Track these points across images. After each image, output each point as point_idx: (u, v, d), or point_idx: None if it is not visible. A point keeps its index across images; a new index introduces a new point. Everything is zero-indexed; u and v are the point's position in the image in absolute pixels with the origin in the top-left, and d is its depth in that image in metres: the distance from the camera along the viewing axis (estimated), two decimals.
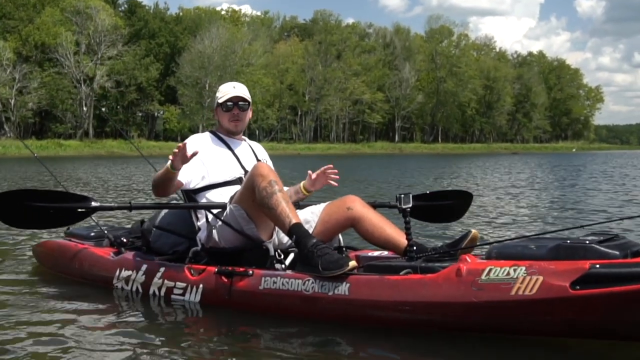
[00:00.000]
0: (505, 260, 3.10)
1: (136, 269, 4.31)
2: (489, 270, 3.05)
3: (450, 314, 3.16)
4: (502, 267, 3.04)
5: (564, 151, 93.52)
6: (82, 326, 3.64)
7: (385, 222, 3.96)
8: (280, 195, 3.72)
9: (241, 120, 4.38)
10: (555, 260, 2.96)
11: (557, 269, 2.91)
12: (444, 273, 3.20)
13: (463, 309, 3.10)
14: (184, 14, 79.99)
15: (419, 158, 52.24)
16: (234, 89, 4.38)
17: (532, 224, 8.16)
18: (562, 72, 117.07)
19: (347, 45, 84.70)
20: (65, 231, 5.35)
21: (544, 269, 2.93)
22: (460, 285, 3.10)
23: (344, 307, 3.41)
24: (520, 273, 2.97)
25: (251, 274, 3.74)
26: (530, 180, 19.29)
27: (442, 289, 3.15)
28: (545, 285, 2.89)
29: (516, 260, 3.05)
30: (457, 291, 3.10)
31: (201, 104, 66.63)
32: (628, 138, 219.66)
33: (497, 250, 3.23)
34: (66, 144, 54.45)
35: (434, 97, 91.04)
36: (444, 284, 3.15)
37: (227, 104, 4.34)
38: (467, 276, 3.09)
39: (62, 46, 58.88)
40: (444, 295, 3.14)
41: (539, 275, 2.92)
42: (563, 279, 2.86)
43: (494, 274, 3.03)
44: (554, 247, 3.05)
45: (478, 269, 3.09)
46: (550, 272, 2.91)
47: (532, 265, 2.97)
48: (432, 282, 3.20)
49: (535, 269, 2.95)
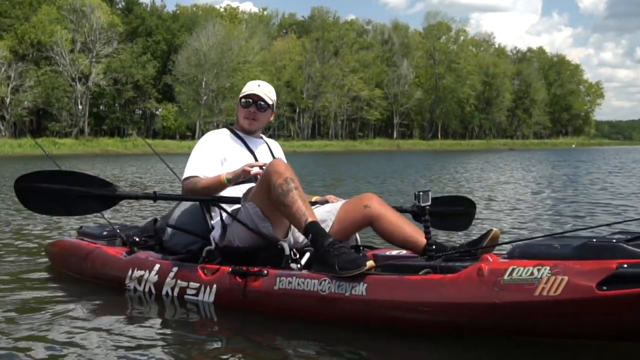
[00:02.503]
0: (528, 260, 3.01)
1: (149, 269, 4.24)
2: (511, 270, 2.97)
3: (471, 315, 3.08)
4: (525, 266, 2.95)
5: (564, 147, 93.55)
6: (94, 327, 3.58)
7: (404, 220, 3.90)
8: (296, 193, 3.65)
9: (257, 120, 4.31)
10: (581, 260, 2.87)
11: (582, 268, 2.82)
12: (464, 273, 3.12)
13: (484, 310, 3.02)
14: (181, 11, 79.92)
15: (414, 155, 52.16)
16: (259, 87, 4.32)
17: (540, 222, 8.11)
18: (562, 67, 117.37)
19: (344, 42, 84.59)
20: (78, 230, 5.31)
21: (569, 269, 2.84)
22: (481, 286, 3.01)
23: (361, 308, 3.34)
24: (544, 273, 2.88)
25: (266, 273, 3.68)
26: (523, 177, 19.27)
27: (463, 289, 3.07)
28: (570, 285, 2.81)
29: (540, 260, 2.96)
30: (479, 292, 3.01)
31: (198, 101, 66.57)
32: (630, 134, 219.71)
33: (520, 250, 3.14)
34: (61, 142, 54.27)
35: (432, 94, 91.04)
36: (465, 284, 3.07)
37: (247, 100, 4.29)
38: (489, 276, 3.01)
39: (58, 44, 58.69)
40: (465, 296, 3.06)
41: (564, 276, 2.83)
42: (589, 279, 2.77)
43: (517, 274, 2.95)
44: (579, 246, 2.95)
45: (500, 269, 3.01)
46: (575, 272, 2.82)
47: (557, 265, 2.89)
48: (452, 282, 3.12)
49: (560, 268, 2.86)
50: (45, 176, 3.96)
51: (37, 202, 3.98)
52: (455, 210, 4.86)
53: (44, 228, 7.68)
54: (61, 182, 3.92)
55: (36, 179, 3.94)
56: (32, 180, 3.93)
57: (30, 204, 4.00)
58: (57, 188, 3.90)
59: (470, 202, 5.03)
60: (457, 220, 4.94)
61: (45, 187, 3.90)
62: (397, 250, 4.09)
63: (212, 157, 4.16)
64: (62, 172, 4.05)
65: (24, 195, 3.94)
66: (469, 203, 5.02)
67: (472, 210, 5.01)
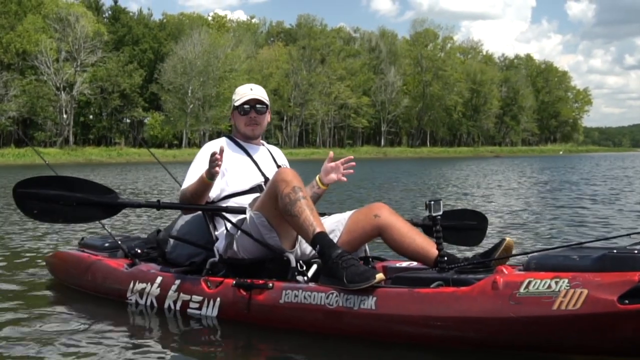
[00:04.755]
0: (545, 272, 2.91)
1: (151, 282, 4.13)
2: (528, 282, 2.88)
3: (485, 330, 2.97)
4: (542, 279, 2.86)
5: (551, 154, 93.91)
6: (94, 341, 3.48)
7: (415, 231, 3.80)
8: (304, 202, 3.55)
9: (259, 124, 4.22)
10: (601, 272, 2.77)
11: (603, 281, 2.72)
12: (478, 286, 3.02)
13: (500, 324, 2.91)
14: (168, 20, 79.72)
15: (399, 163, 52.17)
16: (252, 90, 4.22)
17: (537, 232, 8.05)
18: (550, 74, 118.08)
19: (331, 50, 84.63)
20: (79, 242, 5.19)
21: (589, 282, 2.75)
22: (496, 299, 2.91)
23: (370, 322, 3.23)
24: (562, 286, 2.79)
25: (271, 286, 3.57)
26: (500, 184, 19.36)
27: (476, 303, 2.97)
28: (590, 299, 2.71)
29: (558, 272, 2.87)
30: (494, 305, 2.91)
31: (184, 110, 66.36)
32: (620, 140, 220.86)
33: (537, 261, 3.05)
34: (45, 151, 53.84)
35: (420, 101, 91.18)
36: (479, 297, 2.97)
37: (244, 107, 4.18)
38: (504, 289, 2.91)
39: (42, 53, 58.32)
40: (479, 310, 2.95)
41: (584, 288, 2.73)
42: (610, 292, 2.68)
43: (534, 287, 2.85)
44: (599, 257, 2.85)
45: (516, 282, 2.91)
46: (595, 285, 2.72)
47: (576, 277, 2.79)
48: (466, 296, 3.02)
49: (579, 281, 2.76)
50: (45, 182, 3.84)
51: (36, 209, 3.85)
52: (467, 224, 4.74)
53: (43, 239, 7.56)
54: (61, 189, 3.81)
55: (36, 184, 3.82)
56: (32, 186, 3.82)
57: (30, 211, 3.86)
58: (58, 194, 3.79)
59: (481, 217, 4.88)
60: (468, 234, 4.79)
61: (45, 194, 3.78)
62: (408, 262, 4.01)
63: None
64: (62, 178, 3.92)
65: (23, 202, 3.82)
66: (481, 217, 4.88)
67: (484, 225, 4.86)
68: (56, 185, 3.83)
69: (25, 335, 3.57)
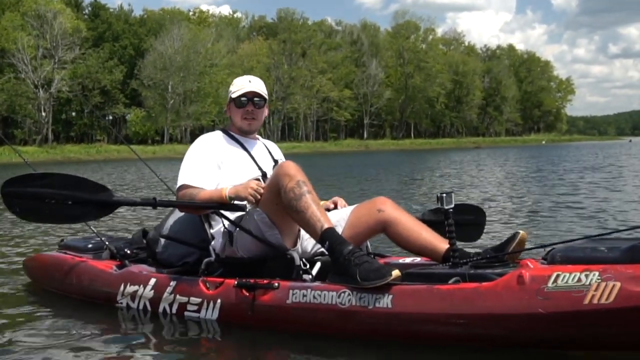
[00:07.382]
0: (573, 265, 2.75)
1: (143, 284, 3.89)
2: (556, 276, 2.71)
3: (512, 328, 2.80)
4: (571, 272, 2.69)
5: (534, 144, 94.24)
6: (84, 349, 3.24)
7: (421, 225, 3.60)
8: (309, 197, 3.35)
9: (256, 118, 4.00)
10: (633, 264, 2.63)
11: (635, 273, 2.58)
12: (503, 280, 2.83)
13: (527, 321, 2.74)
14: (149, 15, 79.14)
15: (378, 155, 52.05)
16: (250, 83, 3.98)
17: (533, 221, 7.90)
18: (532, 64, 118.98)
19: (312, 43, 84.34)
20: (60, 243, 4.90)
21: (621, 274, 2.59)
22: (523, 295, 2.74)
23: (387, 322, 3.04)
24: (593, 279, 2.63)
25: (277, 286, 3.36)
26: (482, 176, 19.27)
27: (502, 299, 2.79)
28: (623, 292, 2.56)
29: (587, 265, 2.71)
30: (521, 301, 2.74)
31: (164, 105, 65.96)
32: (606, 129, 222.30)
33: (562, 254, 2.88)
34: (23, 150, 53.22)
35: (402, 93, 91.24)
36: (505, 293, 2.79)
37: (241, 99, 3.95)
38: (531, 284, 2.73)
39: (20, 50, 57.67)
40: (505, 306, 2.78)
41: (616, 281, 2.58)
42: None
43: (563, 281, 2.68)
44: (629, 248, 2.71)
45: (543, 276, 2.74)
46: (628, 278, 2.57)
47: (607, 269, 2.63)
48: (490, 292, 2.83)
49: (611, 274, 2.61)
50: (35, 179, 3.58)
51: (26, 208, 3.57)
52: (464, 219, 4.51)
53: (17, 241, 7.21)
54: (53, 186, 3.55)
55: (25, 182, 3.56)
56: (21, 184, 3.55)
57: (18, 210, 3.58)
58: (50, 192, 3.53)
59: (480, 211, 4.67)
60: (465, 230, 4.54)
61: (36, 192, 3.53)
62: (412, 258, 3.83)
63: (207, 162, 3.82)
64: (53, 174, 3.64)
65: (11, 200, 3.54)
66: (479, 212, 4.67)
67: (482, 220, 4.65)
68: (48, 183, 3.58)
69: (6, 345, 3.33)
